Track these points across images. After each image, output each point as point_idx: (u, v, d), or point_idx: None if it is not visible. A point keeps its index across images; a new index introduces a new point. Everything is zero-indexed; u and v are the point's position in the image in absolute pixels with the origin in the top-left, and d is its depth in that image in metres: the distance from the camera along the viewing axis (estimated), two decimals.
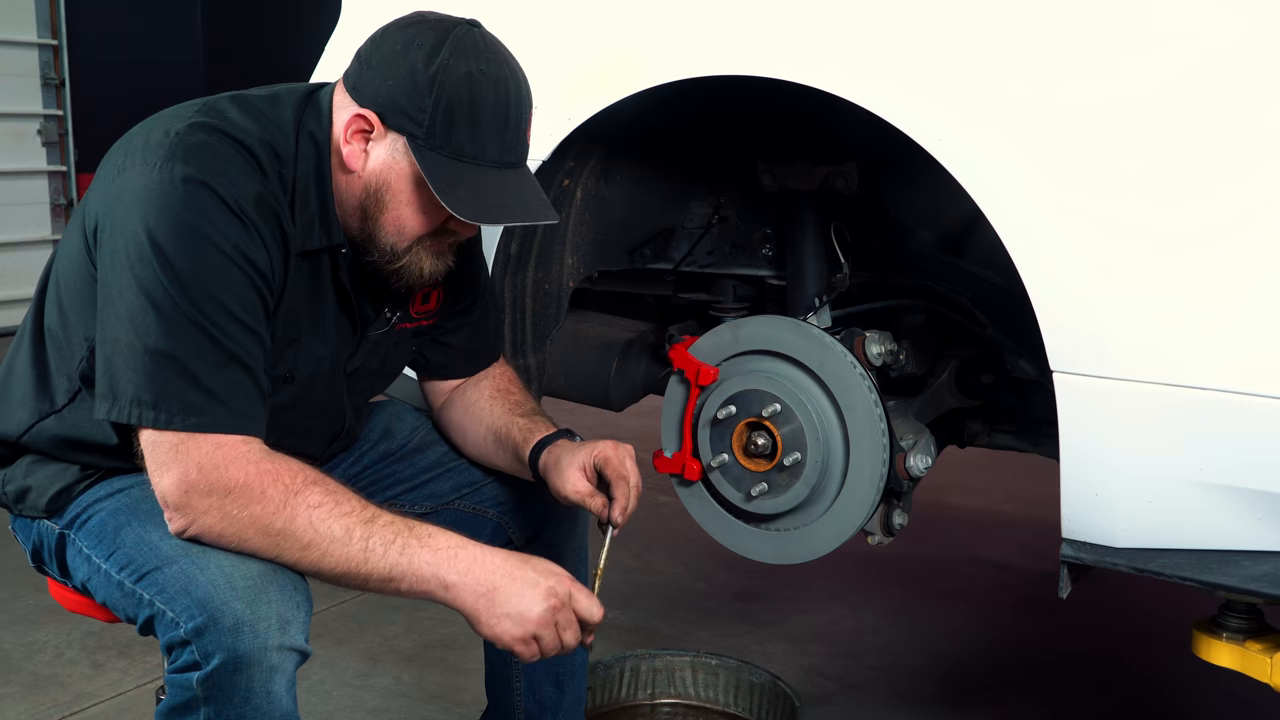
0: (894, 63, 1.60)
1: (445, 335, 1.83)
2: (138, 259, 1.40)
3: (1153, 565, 1.49)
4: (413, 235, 1.55)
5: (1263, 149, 1.39)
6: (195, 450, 1.40)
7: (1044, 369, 1.56)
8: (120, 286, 1.41)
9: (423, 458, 1.89)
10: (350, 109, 1.52)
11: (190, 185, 1.41)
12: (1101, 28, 1.47)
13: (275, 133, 1.52)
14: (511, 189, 1.53)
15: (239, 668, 1.37)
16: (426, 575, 1.43)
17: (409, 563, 1.43)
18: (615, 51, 1.84)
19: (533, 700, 1.92)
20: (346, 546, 1.42)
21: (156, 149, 1.45)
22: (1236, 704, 2.55)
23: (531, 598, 1.44)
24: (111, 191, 1.46)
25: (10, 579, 3.08)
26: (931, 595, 3.22)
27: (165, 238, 1.40)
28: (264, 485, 1.41)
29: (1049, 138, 1.50)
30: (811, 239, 1.98)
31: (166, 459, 1.40)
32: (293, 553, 1.42)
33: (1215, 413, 1.44)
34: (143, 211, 1.41)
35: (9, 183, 6.60)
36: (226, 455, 1.40)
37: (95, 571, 1.53)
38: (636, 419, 2.63)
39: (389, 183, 1.52)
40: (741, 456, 1.93)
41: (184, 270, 1.40)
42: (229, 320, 1.42)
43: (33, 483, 1.60)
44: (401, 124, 1.48)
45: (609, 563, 1.71)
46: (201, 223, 1.41)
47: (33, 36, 6.78)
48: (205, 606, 1.37)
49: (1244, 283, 1.41)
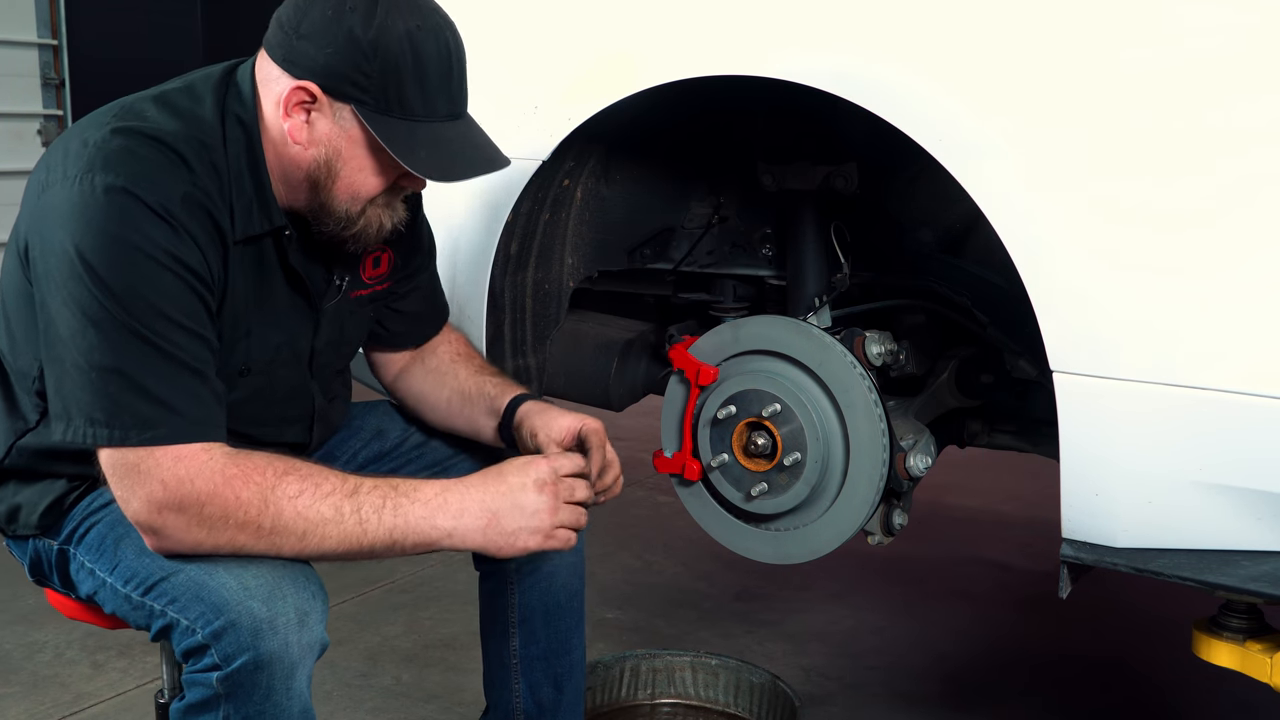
0: (893, 62, 1.60)
1: (398, 301, 1.82)
2: (69, 277, 1.37)
3: (1153, 565, 1.49)
4: (367, 197, 1.52)
5: (1267, 155, 1.39)
6: (156, 467, 1.37)
7: (1044, 369, 1.56)
8: (57, 306, 1.38)
9: (419, 457, 1.88)
10: (284, 81, 1.46)
11: (113, 194, 1.37)
12: (1102, 28, 1.47)
13: (197, 124, 1.48)
14: (466, 140, 1.52)
15: (260, 666, 1.37)
16: (425, 529, 1.45)
17: (405, 522, 1.44)
18: (615, 51, 1.84)
19: (531, 701, 1.91)
20: (340, 525, 1.41)
21: (76, 160, 1.41)
22: (1236, 704, 2.55)
23: (529, 500, 1.48)
24: (37, 209, 1.43)
25: (10, 579, 3.08)
26: (932, 595, 3.22)
27: (94, 252, 1.36)
28: (236, 490, 1.38)
29: (1049, 137, 1.50)
30: (811, 239, 1.98)
31: (129, 480, 1.38)
32: (291, 545, 1.41)
33: (1215, 413, 1.44)
34: (68, 227, 1.37)
35: (9, 183, 6.59)
36: (189, 467, 1.37)
37: (101, 585, 1.52)
38: (636, 419, 2.63)
39: (340, 150, 1.48)
40: (741, 456, 1.93)
41: (117, 283, 1.36)
42: (171, 327, 1.39)
43: (22, 500, 1.59)
44: (347, 91, 1.44)
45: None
46: (129, 232, 1.37)
47: (33, 36, 6.77)
48: (221, 610, 1.37)
49: (1244, 283, 1.41)
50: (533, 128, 1.91)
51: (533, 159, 1.92)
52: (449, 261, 2.04)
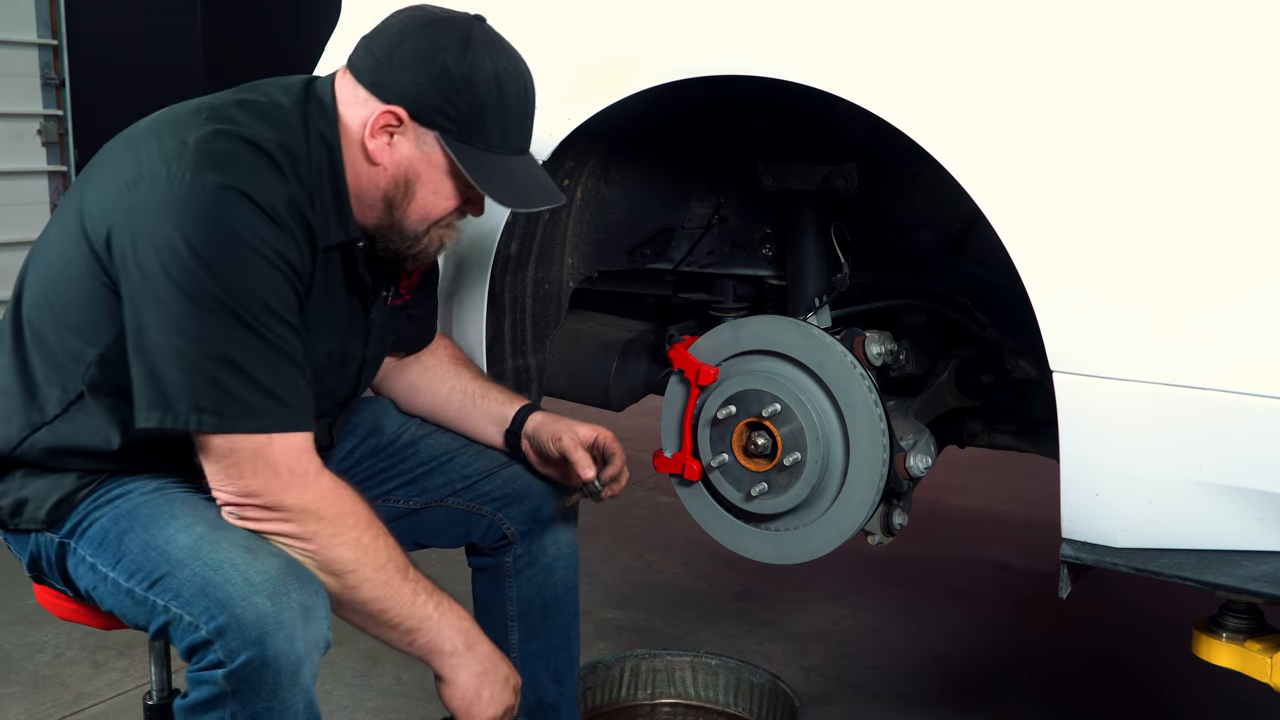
0: (893, 62, 1.60)
1: (414, 308, 1.88)
2: (178, 267, 1.40)
3: (1153, 565, 1.49)
4: (436, 218, 1.61)
5: (1264, 151, 1.39)
6: (272, 453, 1.43)
7: (1044, 369, 1.56)
8: (159, 295, 1.41)
9: (415, 453, 1.89)
10: (373, 104, 1.54)
11: (224, 192, 1.42)
12: (1102, 27, 1.47)
13: (287, 134, 1.53)
14: (530, 173, 1.64)
15: (266, 663, 1.37)
16: (448, 635, 1.57)
17: (441, 617, 1.56)
18: (615, 51, 1.84)
19: (532, 696, 1.92)
20: (403, 584, 1.52)
21: (178, 158, 1.44)
22: (1236, 704, 2.55)
23: (505, 690, 1.62)
24: (126, 203, 1.45)
25: (10, 579, 3.07)
26: (931, 595, 3.22)
27: (205, 245, 1.40)
28: (353, 501, 1.50)
29: (1049, 137, 1.50)
30: (811, 239, 1.98)
31: (246, 463, 1.43)
32: (363, 573, 1.49)
33: (1215, 413, 1.44)
34: (175, 220, 1.41)
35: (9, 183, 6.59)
36: (302, 461, 1.46)
37: (101, 580, 1.52)
38: (636, 419, 2.62)
39: (419, 173, 1.57)
40: (741, 456, 1.93)
41: (228, 274, 1.41)
42: (275, 320, 1.44)
43: (29, 494, 1.58)
44: (434, 119, 1.54)
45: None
46: (240, 227, 1.42)
47: (33, 36, 6.77)
48: (225, 606, 1.38)
49: (1244, 282, 1.41)
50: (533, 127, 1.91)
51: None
52: (449, 261, 2.04)
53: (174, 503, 1.52)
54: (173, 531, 1.47)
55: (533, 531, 1.89)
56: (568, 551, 1.92)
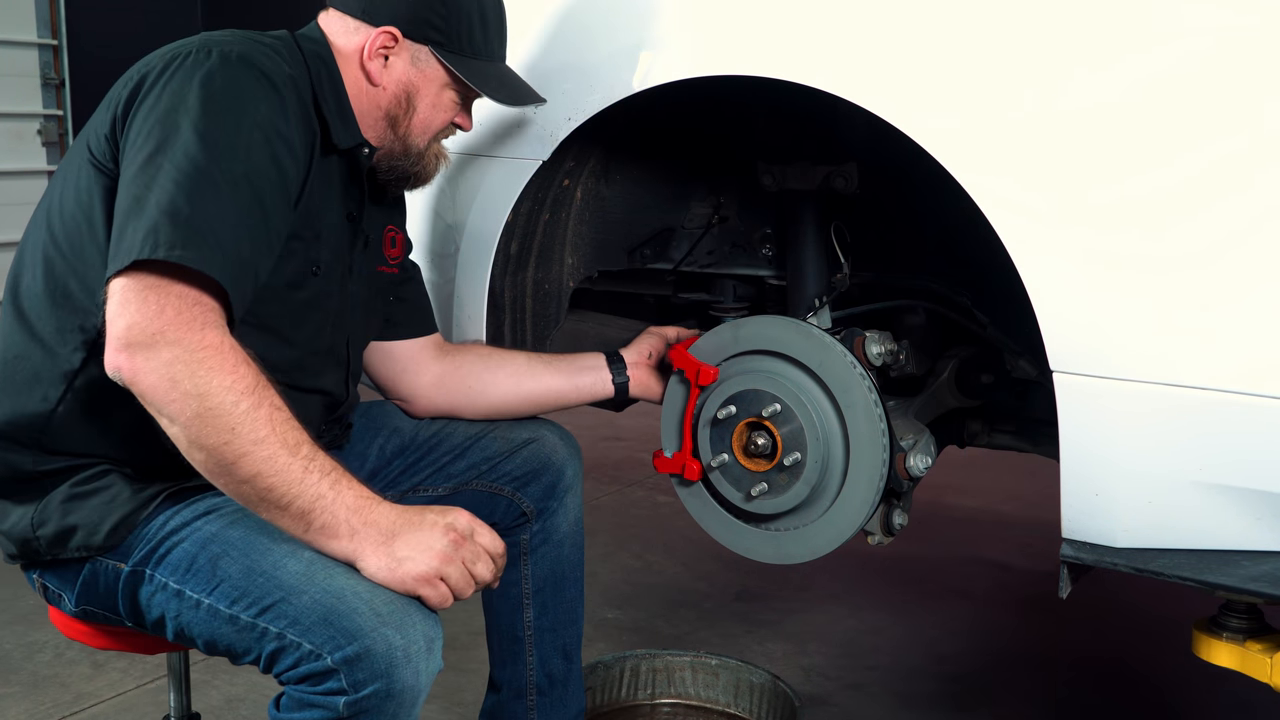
0: (894, 62, 1.60)
1: (401, 289, 1.91)
2: (175, 111, 1.43)
3: (1153, 565, 1.49)
4: (433, 132, 1.72)
5: (1264, 150, 1.39)
6: (175, 290, 1.34)
7: (1044, 369, 1.56)
8: (168, 142, 1.41)
9: (439, 444, 1.93)
10: (365, 30, 1.65)
11: (229, 60, 1.48)
12: (1102, 28, 1.47)
13: (290, 60, 1.60)
14: (514, 77, 1.78)
15: (392, 695, 1.36)
16: (341, 518, 1.39)
17: (335, 497, 1.39)
18: (615, 52, 1.84)
19: (542, 673, 1.96)
20: (292, 458, 1.36)
21: (182, 55, 1.50)
22: (1236, 704, 2.55)
23: (431, 535, 1.42)
24: (130, 97, 1.50)
25: (10, 579, 3.07)
26: (931, 595, 3.22)
27: (207, 98, 1.44)
28: (239, 359, 1.35)
29: (1049, 137, 1.50)
30: (811, 239, 1.97)
31: (138, 295, 1.33)
32: (238, 444, 1.33)
33: (1215, 413, 1.44)
34: (182, 81, 1.46)
35: (9, 183, 6.59)
36: (208, 310, 1.35)
37: (191, 607, 1.46)
38: (636, 419, 2.63)
39: (418, 88, 1.68)
40: (741, 456, 1.93)
41: (222, 128, 1.43)
42: (251, 188, 1.44)
43: (77, 521, 1.51)
44: (426, 34, 1.66)
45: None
46: (243, 90, 1.47)
47: (33, 36, 6.77)
48: (355, 636, 1.35)
49: (1245, 282, 1.41)
50: (533, 128, 1.92)
51: (533, 159, 1.92)
52: (449, 261, 2.04)
53: (263, 528, 1.47)
54: (278, 557, 1.43)
55: (547, 509, 1.93)
56: (576, 528, 1.98)
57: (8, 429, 1.53)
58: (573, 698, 2.00)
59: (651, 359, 2.02)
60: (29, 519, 1.53)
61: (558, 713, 1.98)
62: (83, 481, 1.52)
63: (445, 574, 1.41)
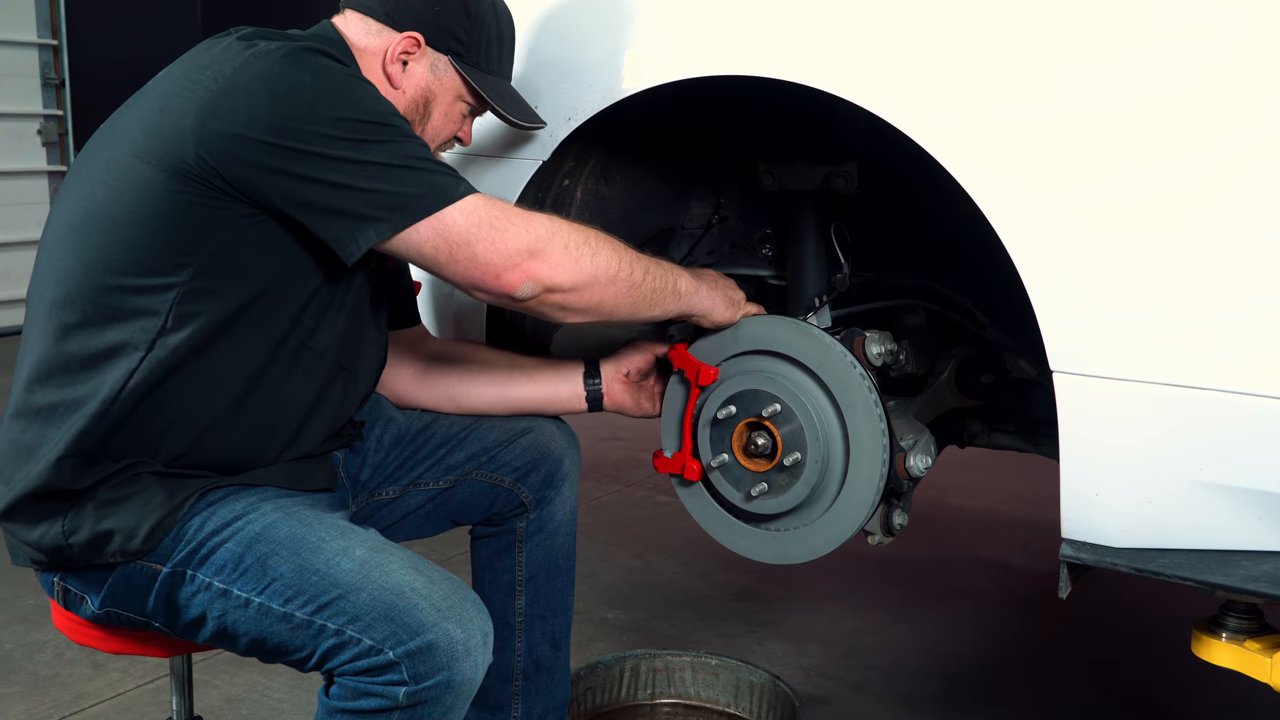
0: (894, 62, 1.60)
1: (396, 281, 1.92)
2: (300, 116, 1.45)
3: (1153, 565, 1.49)
4: (441, 141, 1.79)
5: (1264, 151, 1.39)
6: (492, 209, 1.50)
7: (1044, 369, 1.56)
8: (308, 145, 1.44)
9: (433, 434, 1.93)
10: (388, 34, 1.68)
11: (299, 51, 1.51)
12: (1103, 29, 1.47)
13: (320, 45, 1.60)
14: (520, 96, 1.84)
15: (451, 687, 1.40)
16: (684, 288, 1.74)
17: (676, 277, 1.73)
18: (615, 52, 1.84)
19: (529, 660, 1.98)
20: (649, 262, 1.68)
21: (232, 55, 1.50)
22: (1236, 704, 2.55)
23: (729, 285, 1.89)
24: (211, 99, 1.46)
25: (10, 579, 3.08)
26: (931, 595, 3.22)
27: (320, 87, 1.47)
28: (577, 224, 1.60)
29: (1049, 137, 1.50)
30: (811, 239, 1.98)
31: (484, 222, 1.48)
32: (644, 281, 1.66)
33: (1215, 413, 1.44)
34: (270, 86, 1.46)
35: (9, 183, 6.59)
36: (507, 207, 1.53)
37: (238, 606, 1.46)
38: (636, 419, 2.62)
39: (435, 94, 1.73)
40: (741, 456, 1.93)
41: (342, 97, 1.48)
42: (404, 122, 1.53)
43: (113, 525, 1.48)
44: (448, 44, 1.70)
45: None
46: (329, 65, 1.52)
47: (33, 36, 6.78)
48: (417, 631, 1.39)
49: (1245, 282, 1.41)
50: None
51: (533, 159, 1.93)
52: None
53: (309, 523, 1.48)
54: (329, 555, 1.45)
55: (544, 499, 1.95)
56: (570, 517, 1.99)
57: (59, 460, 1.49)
58: (559, 685, 2.01)
59: (630, 377, 2.00)
60: (59, 527, 1.50)
61: (542, 699, 1.99)
62: (115, 486, 1.50)
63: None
